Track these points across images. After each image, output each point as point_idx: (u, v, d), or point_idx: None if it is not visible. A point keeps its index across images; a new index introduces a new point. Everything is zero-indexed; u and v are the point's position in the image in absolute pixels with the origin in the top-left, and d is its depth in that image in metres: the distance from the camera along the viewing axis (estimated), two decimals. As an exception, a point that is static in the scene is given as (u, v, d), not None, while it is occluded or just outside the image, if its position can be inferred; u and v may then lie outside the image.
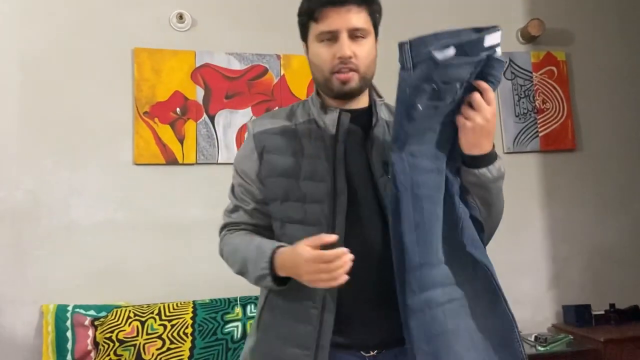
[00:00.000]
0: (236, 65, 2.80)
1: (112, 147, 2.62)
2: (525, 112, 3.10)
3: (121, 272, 2.53)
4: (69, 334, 2.33)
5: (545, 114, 3.12)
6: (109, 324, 2.31)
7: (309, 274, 1.08)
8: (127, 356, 2.26)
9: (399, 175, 1.14)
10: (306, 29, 1.25)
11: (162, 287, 2.55)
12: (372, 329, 1.20)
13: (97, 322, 2.35)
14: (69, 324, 2.35)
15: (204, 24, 2.80)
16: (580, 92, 3.21)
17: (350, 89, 1.22)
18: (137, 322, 2.32)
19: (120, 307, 2.39)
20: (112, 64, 2.66)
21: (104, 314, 2.37)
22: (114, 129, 2.62)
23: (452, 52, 1.08)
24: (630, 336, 2.66)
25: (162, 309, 2.37)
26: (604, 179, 3.16)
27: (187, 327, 2.33)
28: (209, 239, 2.60)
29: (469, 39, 1.09)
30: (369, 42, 1.22)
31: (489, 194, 1.20)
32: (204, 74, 2.75)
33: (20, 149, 2.52)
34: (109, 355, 2.26)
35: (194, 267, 2.61)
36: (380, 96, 1.33)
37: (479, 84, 1.13)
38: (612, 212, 3.15)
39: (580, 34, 3.23)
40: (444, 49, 1.07)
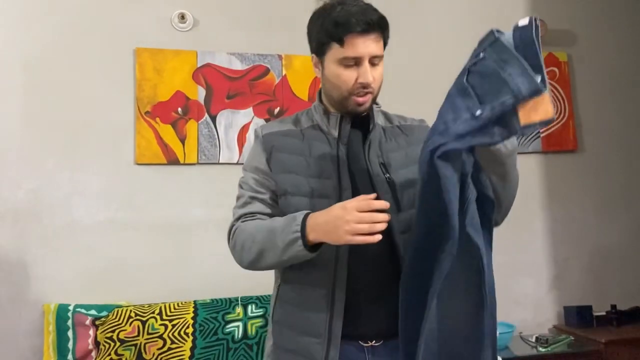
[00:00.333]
0: (238, 65, 2.80)
1: (113, 146, 2.62)
2: (526, 112, 3.10)
3: (122, 272, 2.54)
4: (70, 334, 2.33)
5: (546, 114, 3.12)
6: (110, 324, 2.32)
7: (349, 223, 1.10)
8: (128, 356, 2.26)
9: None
10: (326, 47, 1.29)
11: (163, 286, 2.55)
12: (372, 320, 1.27)
13: (98, 322, 2.35)
14: (70, 323, 2.35)
15: (205, 24, 2.80)
16: (581, 93, 3.21)
17: (364, 110, 1.33)
18: (138, 322, 2.32)
19: (121, 306, 2.40)
20: (113, 64, 2.67)
21: (105, 313, 2.38)
22: (115, 129, 2.63)
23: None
24: (631, 337, 2.66)
25: (163, 309, 2.37)
26: (605, 180, 3.16)
27: (188, 327, 2.33)
28: (210, 238, 2.64)
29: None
30: (382, 66, 1.31)
31: (504, 168, 1.20)
32: (206, 74, 2.75)
33: (21, 148, 2.53)
34: (109, 354, 2.26)
35: (195, 267, 2.62)
36: (377, 103, 1.40)
37: None
38: (613, 213, 3.15)
39: (582, 35, 3.23)
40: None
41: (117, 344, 2.27)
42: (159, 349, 2.27)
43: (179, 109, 2.70)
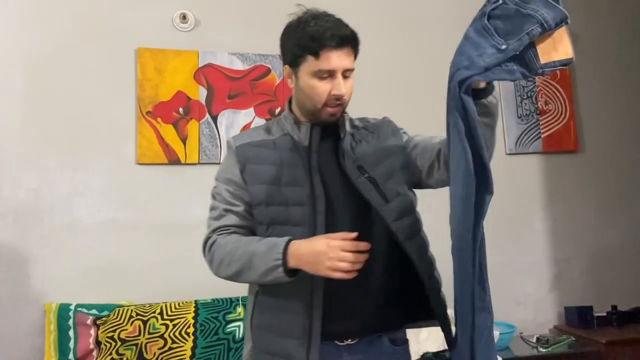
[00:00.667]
0: (239, 65, 2.80)
1: (114, 146, 2.62)
2: (527, 113, 3.10)
3: (123, 271, 2.54)
4: (71, 333, 2.34)
5: (547, 115, 3.12)
6: (111, 323, 2.32)
7: (331, 259, 1.17)
8: (129, 355, 2.27)
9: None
10: (301, 60, 1.34)
11: (164, 286, 2.55)
12: (348, 319, 1.32)
13: (99, 321, 2.35)
14: (71, 322, 2.35)
15: (207, 24, 2.81)
16: (582, 93, 3.21)
17: (335, 119, 1.39)
18: (139, 322, 2.32)
19: (122, 306, 2.40)
20: (115, 64, 2.67)
21: (106, 313, 2.38)
22: (116, 129, 2.63)
23: None
24: (632, 338, 2.66)
25: (164, 309, 2.38)
26: (606, 180, 3.16)
27: (188, 327, 2.34)
28: (211, 238, 2.64)
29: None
30: (352, 78, 1.38)
31: (493, 118, 1.26)
32: (207, 74, 2.76)
33: (23, 148, 2.53)
34: (110, 354, 2.27)
35: (196, 266, 2.59)
36: (345, 112, 1.45)
37: None
38: (614, 213, 3.15)
39: (583, 36, 3.23)
40: None
41: (118, 343, 2.28)
42: (160, 349, 2.27)
43: (180, 109, 2.70)
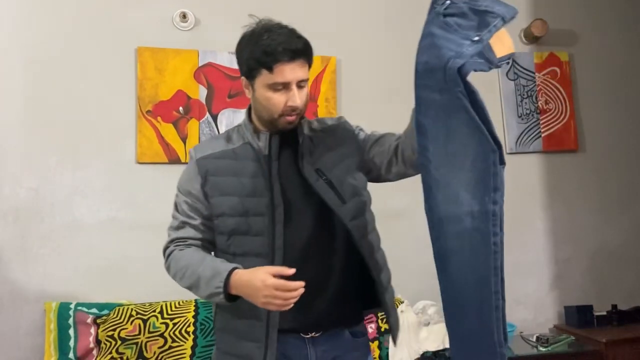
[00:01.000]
0: (239, 64, 2.80)
1: (115, 145, 2.62)
2: (528, 112, 3.10)
3: (123, 271, 2.54)
4: (71, 332, 2.34)
5: (547, 114, 3.12)
6: (111, 322, 2.32)
7: (266, 297, 1.23)
8: (129, 354, 2.27)
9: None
10: (256, 73, 1.38)
11: (164, 285, 2.52)
12: (312, 312, 1.37)
13: (99, 320, 2.35)
14: (71, 321, 2.35)
15: (207, 23, 2.80)
16: (583, 92, 3.20)
17: (293, 127, 1.42)
18: (139, 321, 2.32)
19: (122, 305, 2.40)
20: (115, 63, 2.67)
21: (106, 312, 2.38)
22: (117, 128, 2.63)
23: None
24: (632, 337, 2.67)
25: (164, 307, 2.38)
26: (606, 179, 3.16)
27: (189, 326, 2.34)
28: (211, 237, 2.64)
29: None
30: (307, 87, 1.42)
31: None
32: (207, 73, 2.76)
33: (23, 147, 2.53)
34: (110, 353, 2.27)
35: (196, 265, 2.61)
36: (302, 117, 1.48)
37: None
38: (614, 213, 3.15)
39: (583, 35, 3.23)
40: None
41: (118, 342, 2.28)
42: (160, 348, 2.28)
43: (180, 108, 2.70)
